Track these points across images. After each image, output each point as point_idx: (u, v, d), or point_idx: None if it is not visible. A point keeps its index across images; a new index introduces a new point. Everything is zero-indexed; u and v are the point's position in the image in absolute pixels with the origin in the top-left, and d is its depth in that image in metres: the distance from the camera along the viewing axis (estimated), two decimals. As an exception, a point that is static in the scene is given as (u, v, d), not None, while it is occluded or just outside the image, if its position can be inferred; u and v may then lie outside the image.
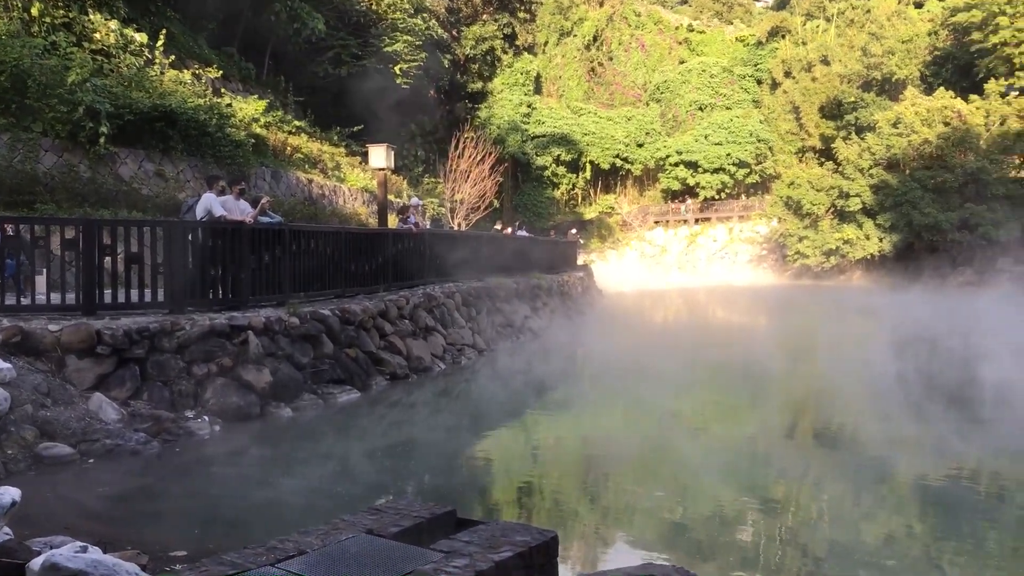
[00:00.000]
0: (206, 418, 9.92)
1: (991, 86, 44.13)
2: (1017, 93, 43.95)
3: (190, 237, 11.58)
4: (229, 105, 23.28)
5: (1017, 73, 44.76)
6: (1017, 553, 6.83)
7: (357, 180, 29.74)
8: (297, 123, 28.92)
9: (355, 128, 32.03)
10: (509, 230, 35.60)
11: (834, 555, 6.79)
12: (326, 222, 22.85)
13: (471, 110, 44.86)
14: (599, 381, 16.13)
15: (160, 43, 22.56)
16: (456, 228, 32.57)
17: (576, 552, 6.68)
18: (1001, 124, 42.33)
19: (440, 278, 19.11)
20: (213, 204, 12.28)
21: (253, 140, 23.27)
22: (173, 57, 23.39)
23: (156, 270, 11.59)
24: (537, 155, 60.27)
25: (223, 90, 25.64)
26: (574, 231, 48.91)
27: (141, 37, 22.22)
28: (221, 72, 26.33)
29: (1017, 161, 42.74)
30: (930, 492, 8.66)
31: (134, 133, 18.99)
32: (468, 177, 35.47)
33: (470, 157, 35.54)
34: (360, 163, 30.56)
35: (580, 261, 39.61)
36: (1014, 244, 39.28)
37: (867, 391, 15.11)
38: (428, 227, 24.15)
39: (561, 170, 61.93)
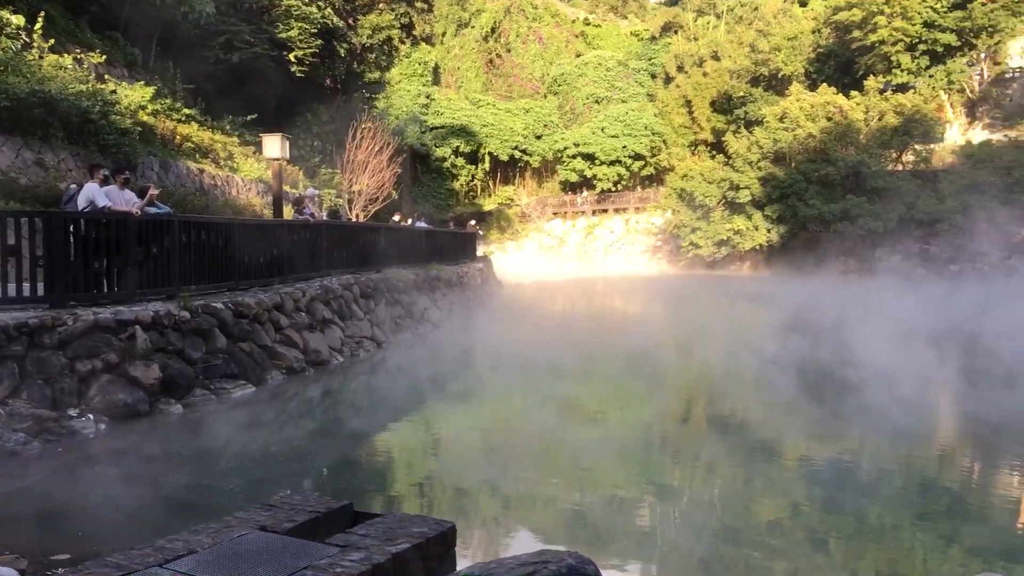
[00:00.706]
0: (91, 416, 9.54)
1: (870, 83, 46.15)
2: (894, 90, 46.09)
3: (72, 229, 11.09)
4: (114, 92, 22.37)
5: (894, 71, 46.95)
6: (897, 528, 7.18)
7: (251, 170, 29.01)
8: (187, 111, 28.00)
9: (248, 117, 31.22)
10: (409, 221, 35.37)
11: (726, 536, 7.01)
12: (219, 213, 22.21)
13: (369, 100, 44.28)
14: (498, 372, 16.20)
15: (38, 26, 21.47)
16: (354, 219, 32.13)
17: (474, 541, 6.70)
18: (879, 119, 44.33)
19: (338, 270, 18.85)
20: (96, 194, 11.80)
21: (140, 128, 22.41)
22: (53, 41, 22.29)
23: (35, 263, 11.06)
24: (436, 146, 60.08)
25: (107, 76, 24.62)
26: (473, 222, 48.97)
27: (17, 19, 21.11)
28: (105, 57, 25.26)
29: (894, 155, 44.85)
30: (814, 472, 9.03)
31: (11, 120, 18.05)
32: (366, 168, 35.03)
33: (368, 148, 35.09)
34: (254, 153, 29.81)
35: (479, 252, 39.67)
36: (891, 234, 41.22)
37: (756, 376, 15.64)
38: (325, 218, 23.75)
39: (460, 161, 61.90)
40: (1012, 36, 47.42)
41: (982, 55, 47.89)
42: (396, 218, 34.71)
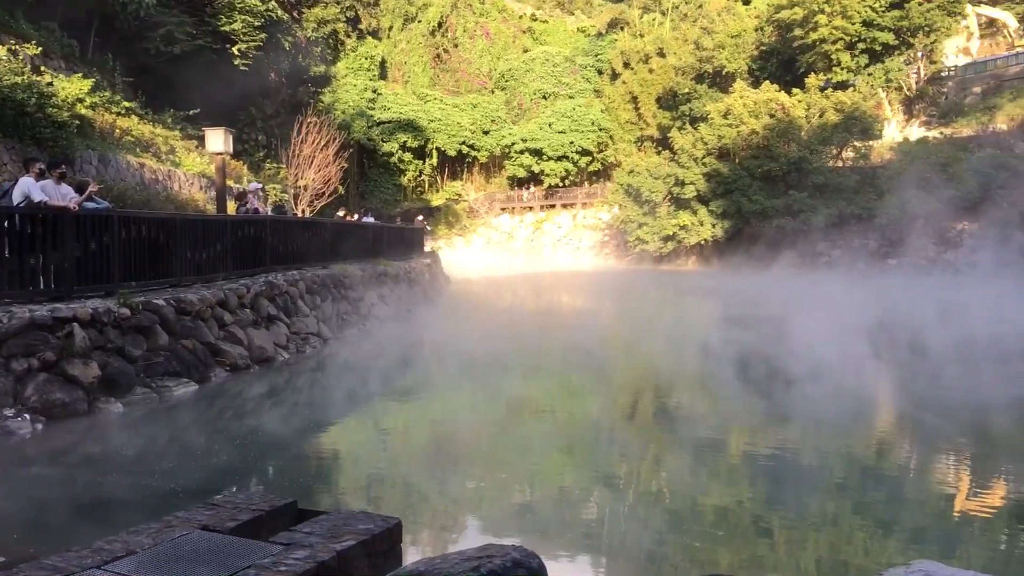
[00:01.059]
0: (27, 416, 9.32)
1: (811, 80, 46.98)
2: (834, 88, 46.99)
3: (6, 224, 10.81)
4: (50, 84, 21.78)
5: (834, 69, 47.85)
6: (837, 518, 7.35)
7: (194, 165, 28.51)
8: (127, 104, 27.39)
9: (191, 111, 30.66)
10: (356, 216, 35.10)
11: (671, 527, 7.11)
12: (161, 208, 21.80)
13: (314, 94, 43.74)
14: (446, 367, 16.19)
15: (-31, 16, 20.84)
16: (300, 215, 31.79)
17: (421, 537, 6.70)
18: (820, 116, 45.16)
19: (283, 266, 18.65)
20: (31, 189, 11.51)
21: (78, 122, 21.88)
22: (-15, 31, 21.66)
23: (-33, 260, 10.76)
24: (383, 141, 59.71)
25: (43, 68, 23.96)
26: (421, 218, 48.74)
27: (-53, 9, 20.46)
28: (41, 49, 24.59)
29: (835, 151, 45.75)
30: (757, 462, 9.20)
31: (-60, 112, 17.51)
32: (312, 163, 34.66)
33: (314, 142, 34.72)
34: (197, 147, 29.30)
35: (427, 248, 39.55)
36: (832, 229, 42.06)
37: (700, 369, 15.87)
38: (270, 213, 23.46)
39: (408, 156, 61.61)
40: (947, 35, 48.67)
41: (919, 54, 49.05)
42: (340, 213, 34.41)
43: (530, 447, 9.92)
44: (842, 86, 47.22)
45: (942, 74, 50.44)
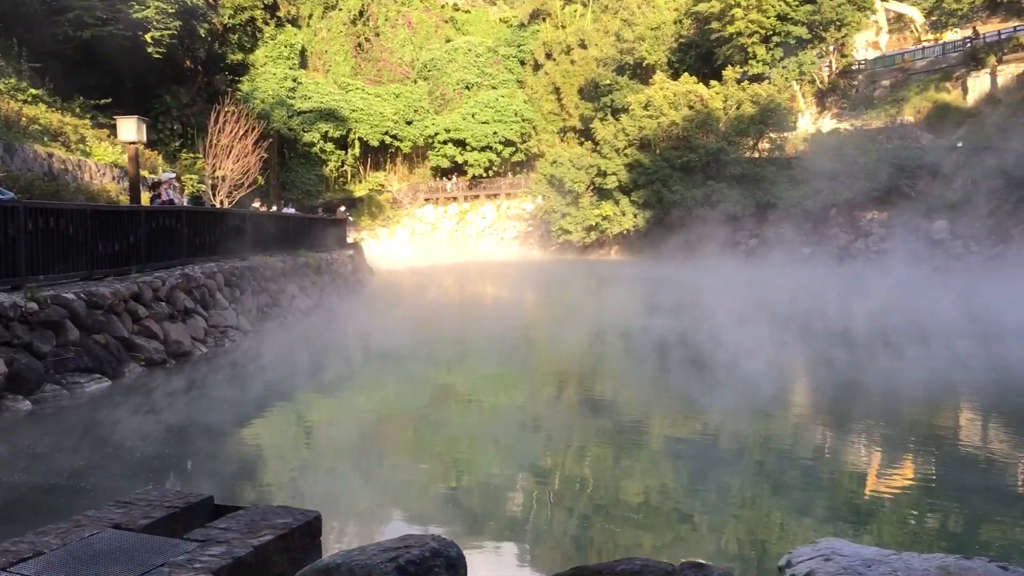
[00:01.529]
0: (-72, 417, 8.96)
1: (728, 73, 47.93)
2: (750, 80, 48.05)
3: (-98, 216, 10.34)
4: (-51, 70, 20.88)
5: (751, 61, 48.91)
6: (756, 500, 7.56)
7: (106, 155, 27.61)
8: (33, 91, 26.39)
9: (102, 100, 29.68)
10: (275, 208, 34.51)
11: (594, 513, 7.22)
12: (71, 199, 21.08)
13: (232, 83, 42.79)
14: (369, 359, 16.09)
15: None
16: (218, 206, 31.10)
17: (342, 530, 6.67)
18: (737, 108, 46.13)
19: (201, 258, 18.24)
20: (-70, 180, 11.03)
21: (-21, 109, 21.02)
22: None
23: None
24: (304, 131, 58.81)
25: (-59, 53, 22.96)
26: (343, 208, 48.22)
27: None
28: (-63, 33, 23.55)
29: (751, 143, 46.79)
30: (679, 449, 9.40)
31: None
32: (230, 153, 33.88)
33: (232, 132, 33.94)
34: (109, 136, 28.38)
35: (350, 239, 39.14)
36: (749, 219, 43.05)
37: (622, 358, 16.11)
38: (186, 204, 22.91)
39: (329, 147, 60.81)
40: (857, 30, 50.19)
41: (830, 48, 50.48)
42: (256, 204, 33.76)
43: (453, 438, 9.95)
44: (758, 79, 48.30)
45: (852, 67, 52.00)
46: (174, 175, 24.51)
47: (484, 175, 62.63)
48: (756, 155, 46.77)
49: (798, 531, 6.68)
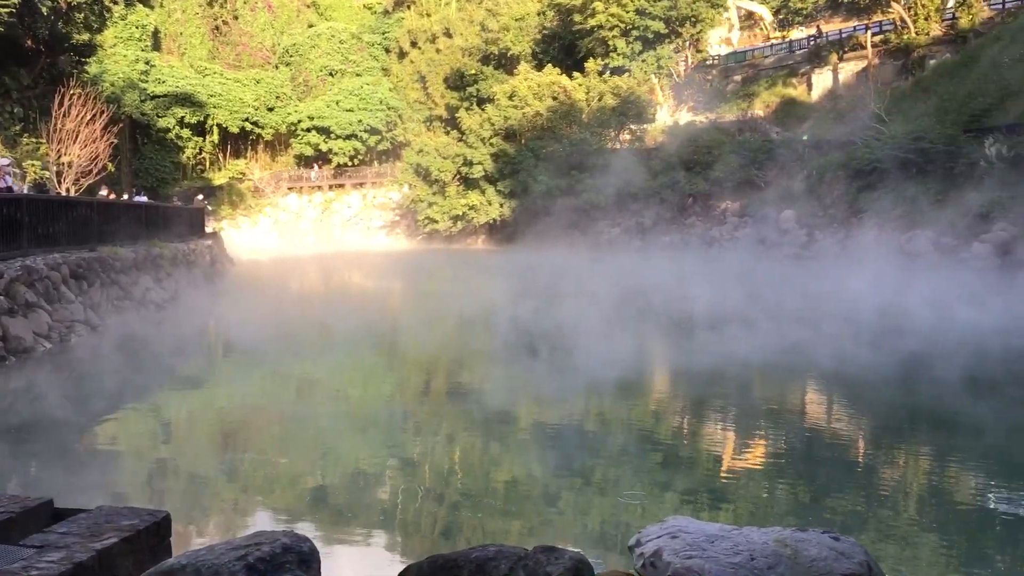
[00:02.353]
0: None
1: (590, 65, 48.95)
2: (612, 72, 49.22)
3: None
4: None
5: (611, 54, 50.09)
6: (617, 483, 7.83)
7: (-65, 139, 25.76)
8: None
9: (-70, 79, 27.62)
10: (126, 196, 33.00)
11: (457, 503, 7.32)
12: None
13: (78, 64, 40.51)
14: (228, 353, 15.70)
15: None
16: (64, 193, 29.48)
17: (193, 530, 6.55)
18: (599, 100, 47.18)
19: (44, 249, 17.28)
20: None
21: None
22: None
23: None
24: (159, 116, 56.38)
25: None
26: (201, 197, 46.58)
27: None
28: None
29: (613, 134, 47.96)
30: (545, 435, 9.62)
31: None
32: (77, 138, 32.13)
33: (78, 116, 32.19)
34: (-62, 120, 26.47)
35: (209, 229, 37.89)
36: (611, 209, 44.12)
37: (485, 346, 16.30)
38: (27, 192, 21.65)
39: (186, 133, 58.53)
40: (711, 26, 52.18)
41: (687, 43, 52.26)
42: (105, 192, 32.19)
43: (312, 432, 9.86)
44: (619, 71, 49.51)
45: (707, 62, 53.98)
46: (9, 161, 23.12)
47: (349, 164, 61.70)
48: (618, 146, 47.95)
49: (650, 511, 6.99)
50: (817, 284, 25.04)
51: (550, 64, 50.82)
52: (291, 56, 64.55)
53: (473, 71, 56.00)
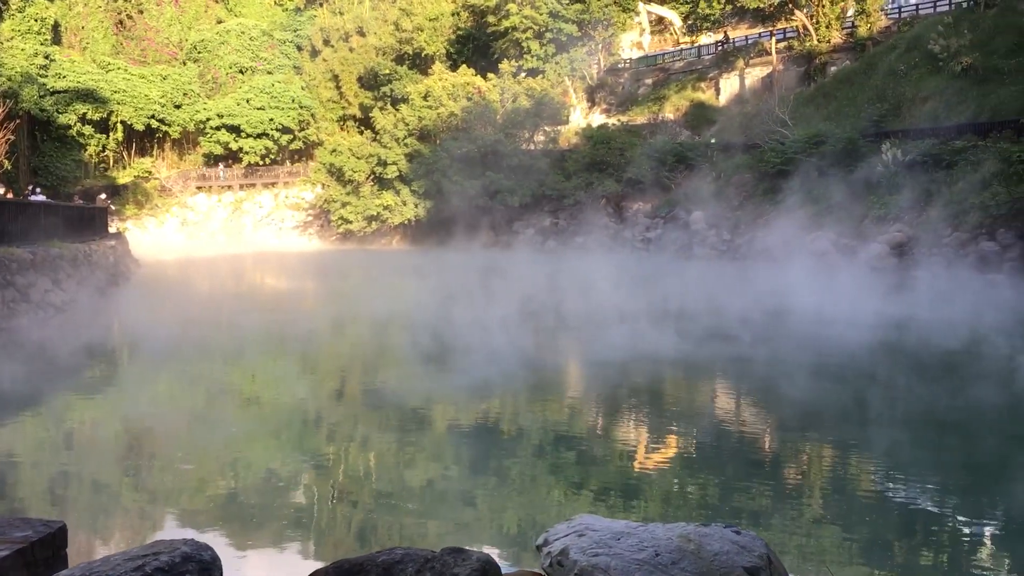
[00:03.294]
0: None
1: (505, 66, 49.15)
2: (526, 74, 49.53)
3: None
4: None
5: (525, 56, 50.41)
6: (536, 481, 7.91)
7: None
8: None
9: None
10: (23, 195, 31.73)
11: (366, 507, 7.29)
12: None
13: (-29, 57, 38.93)
14: (136, 357, 15.27)
15: None
16: (-45, 193, 28.21)
17: (93, 541, 6.37)
18: (514, 101, 47.43)
19: (-68, 252, 16.53)
20: None
21: None
22: None
23: None
24: (59, 112, 54.30)
25: None
26: (104, 196, 45.09)
27: None
28: None
29: (527, 135, 48.25)
30: (461, 435, 9.64)
31: None
32: (-31, 135, 30.86)
33: (-29, 112, 30.92)
34: None
35: (112, 229, 36.73)
36: (527, 209, 44.44)
37: (403, 347, 16.23)
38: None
39: (89, 130, 56.52)
40: (623, 30, 53.02)
41: (599, 46, 52.94)
42: (0, 191, 30.92)
43: (220, 436, 9.69)
44: (533, 73, 49.84)
45: (619, 66, 54.80)
46: None
47: (261, 163, 60.55)
48: (532, 147, 48.27)
49: (560, 511, 7.09)
50: (717, 284, 25.75)
51: (464, 65, 50.83)
52: (199, 52, 62.99)
53: (387, 71, 55.60)
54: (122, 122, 57.76)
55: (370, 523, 6.94)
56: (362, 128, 54.60)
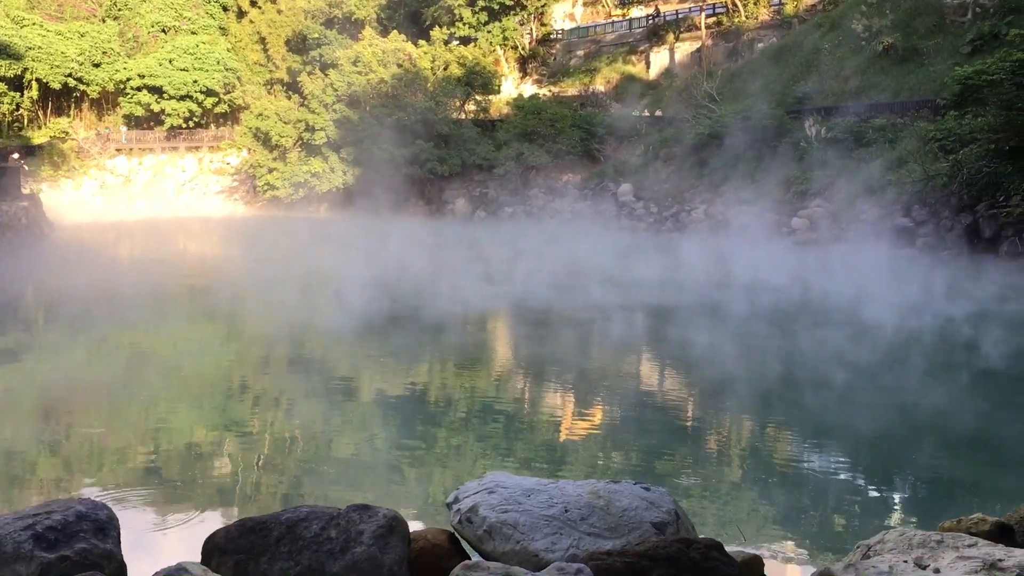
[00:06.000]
0: None
1: (436, 34, 48.64)
2: (458, 42, 49.10)
3: None
4: None
5: (457, 23, 49.95)
6: (460, 450, 7.94)
7: None
8: None
9: None
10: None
11: (277, 469, 7.23)
12: None
13: None
14: (52, 322, 14.80)
15: None
16: None
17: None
18: (445, 69, 47.01)
19: None
20: None
21: None
22: None
23: None
24: (-32, 68, 51.99)
25: None
26: (16, 156, 43.39)
27: None
28: None
29: (458, 104, 47.94)
30: (389, 404, 9.60)
31: None
32: None
33: None
34: None
35: (25, 190, 35.40)
36: (456, 179, 44.26)
37: (331, 314, 16.07)
38: None
39: (2, 87, 54.25)
40: (556, 0, 52.85)
41: (531, 16, 52.75)
42: None
43: (132, 401, 9.49)
44: (465, 41, 49.41)
45: (551, 36, 54.72)
46: None
47: (184, 126, 58.88)
48: (463, 116, 47.98)
49: (473, 470, 7.14)
50: (640, 255, 26.05)
51: (395, 31, 50.12)
52: (119, 10, 60.76)
53: (316, 35, 54.47)
54: (37, 80, 55.54)
55: (279, 485, 6.88)
56: (290, 93, 53.49)
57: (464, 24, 49.72)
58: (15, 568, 3.52)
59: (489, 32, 50.22)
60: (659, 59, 48.66)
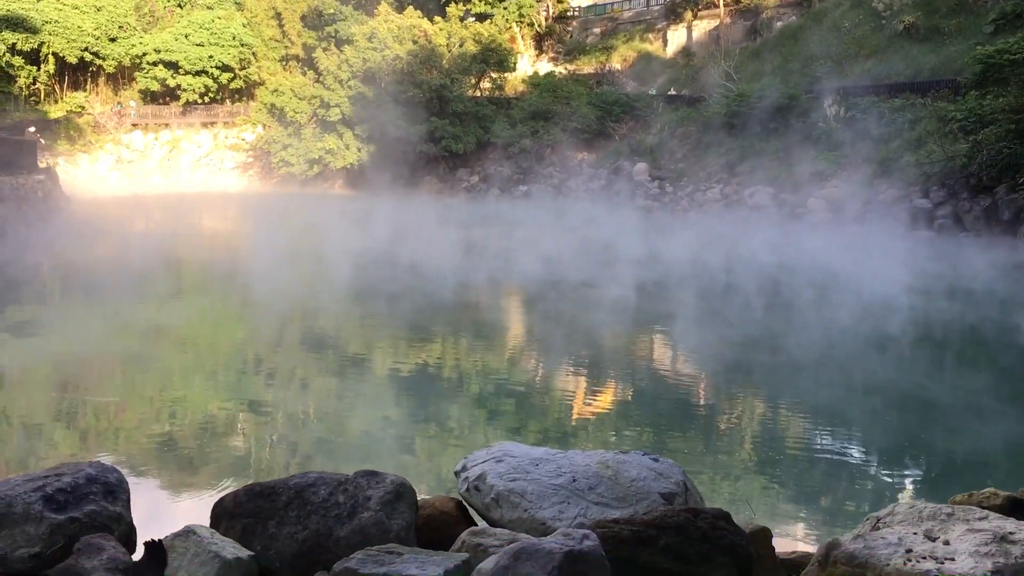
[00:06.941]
0: None
1: (452, 10, 48.35)
2: (474, 19, 48.79)
3: None
4: None
5: (473, 0, 49.61)
6: (472, 424, 7.95)
7: None
8: None
9: None
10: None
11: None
12: None
13: None
14: (69, 295, 14.89)
15: None
16: None
17: (4, 466, 6.25)
18: (460, 46, 46.76)
19: None
20: None
21: None
22: None
23: None
24: (-15, 41, 52.12)
25: None
26: (33, 129, 43.54)
27: None
28: None
29: (473, 81, 47.71)
30: (401, 380, 9.61)
31: None
32: None
33: None
34: None
35: (42, 164, 35.54)
36: (471, 156, 44.13)
37: (343, 293, 16.10)
38: None
39: (18, 61, 54.35)
40: (573, -24, 52.48)
41: (548, -7, 52.44)
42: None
43: (147, 371, 9.54)
44: (481, 18, 49.11)
45: (568, 14, 54.31)
46: None
47: (200, 101, 58.90)
48: (478, 93, 47.77)
49: (483, 440, 7.15)
50: (652, 235, 25.94)
51: (411, 7, 49.86)
52: (136, -16, 60.72)
53: (332, 10, 54.22)
54: (54, 54, 55.65)
55: (289, 454, 6.92)
56: (305, 69, 53.35)
57: (480, 1, 49.39)
58: (25, 529, 3.54)
59: (505, 9, 49.90)
60: (677, 37, 48.23)
